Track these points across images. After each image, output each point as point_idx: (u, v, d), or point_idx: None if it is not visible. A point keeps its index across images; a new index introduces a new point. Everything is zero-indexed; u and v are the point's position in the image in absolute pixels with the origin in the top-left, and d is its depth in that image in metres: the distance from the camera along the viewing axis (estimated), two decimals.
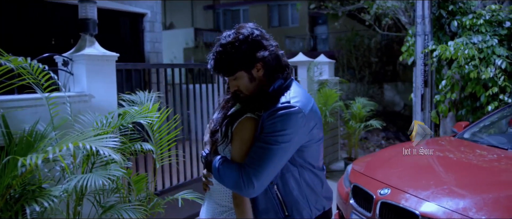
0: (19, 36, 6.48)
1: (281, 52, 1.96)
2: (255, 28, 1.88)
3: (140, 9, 7.94)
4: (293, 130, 1.77)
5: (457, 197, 3.13)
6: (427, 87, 6.64)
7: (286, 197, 1.89)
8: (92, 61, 3.32)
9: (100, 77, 3.40)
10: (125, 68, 3.76)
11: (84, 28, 3.37)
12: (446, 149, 4.32)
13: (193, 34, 23.43)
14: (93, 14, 3.38)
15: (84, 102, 3.24)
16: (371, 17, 9.43)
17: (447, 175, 3.57)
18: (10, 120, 2.57)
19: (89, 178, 2.30)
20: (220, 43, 1.86)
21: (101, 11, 7.11)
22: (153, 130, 3.28)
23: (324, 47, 22.76)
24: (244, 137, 1.84)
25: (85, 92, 3.29)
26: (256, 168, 1.74)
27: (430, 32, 6.56)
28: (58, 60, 3.36)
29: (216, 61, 1.86)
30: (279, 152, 1.76)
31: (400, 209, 3.25)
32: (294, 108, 1.77)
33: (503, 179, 3.39)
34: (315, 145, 1.91)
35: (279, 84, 1.89)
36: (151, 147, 3.05)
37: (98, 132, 2.30)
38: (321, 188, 1.99)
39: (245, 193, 1.77)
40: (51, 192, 2.31)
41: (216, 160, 1.85)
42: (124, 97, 3.42)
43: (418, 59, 6.64)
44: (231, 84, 1.91)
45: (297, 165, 1.88)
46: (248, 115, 1.86)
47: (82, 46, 3.35)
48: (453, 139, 4.64)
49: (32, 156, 1.91)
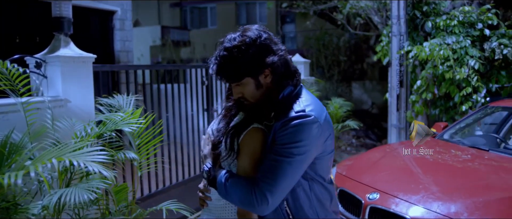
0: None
1: (290, 57, 1.82)
2: (262, 31, 1.74)
3: (109, 6, 7.61)
4: (309, 141, 1.64)
5: (448, 201, 3.11)
6: (403, 88, 6.70)
7: (297, 213, 1.75)
8: (67, 63, 3.08)
9: (77, 80, 3.16)
10: (101, 70, 3.54)
11: (58, 28, 3.13)
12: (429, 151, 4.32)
13: (160, 32, 23.01)
14: (68, 12, 3.15)
15: (59, 108, 3.00)
16: (343, 17, 9.44)
17: (435, 178, 3.55)
18: None
19: (71, 192, 2.09)
20: (225, 46, 1.70)
21: None
22: (134, 137, 3.09)
23: (292, 45, 22.80)
24: (253, 149, 1.69)
25: (60, 97, 3.04)
26: (270, 183, 1.60)
27: (406, 32, 6.61)
28: (30, 62, 3.10)
29: (220, 66, 1.70)
30: (295, 165, 1.63)
31: (391, 214, 3.20)
32: (309, 118, 1.64)
33: (492, 182, 3.40)
34: (327, 156, 1.78)
35: (289, 92, 1.75)
36: (134, 155, 2.86)
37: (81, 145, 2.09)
38: (330, 203, 1.86)
39: (259, 211, 1.63)
40: (29, 210, 2.10)
41: (222, 175, 1.70)
42: (101, 101, 3.22)
43: (394, 59, 6.69)
44: (235, 91, 1.76)
45: (308, 179, 1.75)
46: (255, 125, 1.72)
47: (56, 47, 3.11)
48: (434, 140, 4.65)
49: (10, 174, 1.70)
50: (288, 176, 1.63)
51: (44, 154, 1.88)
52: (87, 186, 2.19)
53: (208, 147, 1.88)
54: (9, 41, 6.25)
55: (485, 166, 3.80)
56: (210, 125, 1.97)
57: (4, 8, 6.32)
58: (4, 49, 3.04)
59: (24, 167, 1.78)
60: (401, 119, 6.75)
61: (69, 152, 1.85)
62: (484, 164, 3.82)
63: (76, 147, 1.95)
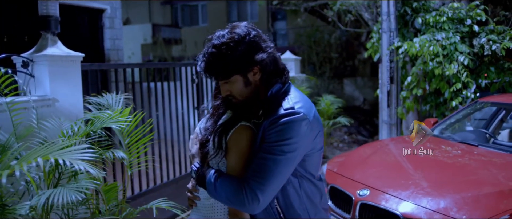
0: None
1: (278, 54, 1.81)
2: (251, 28, 1.73)
3: (98, 4, 7.54)
4: (299, 138, 1.63)
5: (438, 196, 3.12)
6: (393, 84, 6.72)
7: (287, 211, 1.75)
8: (55, 62, 3.05)
9: (64, 79, 3.13)
10: (90, 69, 3.51)
11: (46, 26, 3.09)
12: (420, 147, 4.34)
13: (151, 30, 22.90)
14: (55, 11, 3.11)
15: (47, 107, 2.97)
16: (333, 14, 9.45)
17: (425, 174, 3.57)
18: None
19: (59, 192, 2.07)
20: (213, 43, 1.68)
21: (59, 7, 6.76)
22: (124, 135, 3.07)
23: (284, 43, 22.81)
24: (241, 147, 1.68)
25: (48, 96, 3.01)
26: (261, 181, 1.59)
27: (396, 29, 6.63)
28: (17, 61, 3.06)
29: (208, 64, 1.68)
30: (285, 163, 1.62)
31: (381, 210, 3.21)
32: (299, 115, 1.63)
33: (480, 177, 3.42)
34: (317, 154, 1.78)
35: (277, 89, 1.74)
36: (123, 154, 2.84)
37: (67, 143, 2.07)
38: (320, 199, 1.86)
39: (249, 209, 1.63)
40: (16, 210, 2.07)
41: (211, 174, 1.69)
42: (90, 100, 3.20)
43: (384, 56, 6.71)
44: (223, 89, 1.75)
45: (298, 176, 1.75)
46: (243, 123, 1.71)
47: (43, 46, 3.07)
48: None
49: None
50: (278, 174, 1.62)
51: (30, 153, 1.86)
52: (75, 186, 2.17)
53: (196, 146, 1.87)
54: None
55: (474, 161, 3.83)
56: (198, 124, 1.95)
57: None
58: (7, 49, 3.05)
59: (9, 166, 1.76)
60: (392, 115, 6.77)
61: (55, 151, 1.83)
62: (474, 159, 3.84)
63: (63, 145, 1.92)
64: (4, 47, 5.83)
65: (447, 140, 4.36)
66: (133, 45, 21.51)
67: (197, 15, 25.86)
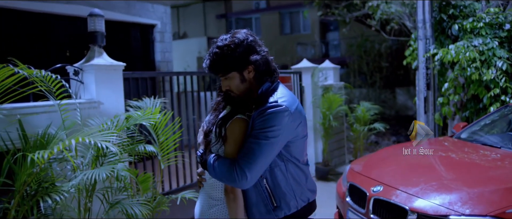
0: (26, 48, 6.86)
1: (271, 58, 2.15)
2: (249, 34, 2.08)
3: (150, 20, 8.25)
4: (281, 126, 1.95)
5: (444, 192, 3.29)
6: (430, 90, 6.78)
7: (275, 190, 2.06)
8: (100, 70, 3.59)
9: (108, 85, 3.66)
10: (132, 77, 4.02)
11: (93, 40, 3.64)
12: (440, 148, 4.46)
13: (206, 43, 23.74)
14: (101, 27, 3.65)
15: (93, 109, 3.50)
16: (377, 23, 9.57)
17: (437, 172, 3.73)
18: (26, 125, 2.85)
19: (94, 173, 2.54)
20: (217, 45, 2.05)
21: (113, 23, 7.52)
22: (158, 133, 3.52)
23: (336, 53, 22.87)
24: (236, 136, 2.02)
25: (94, 99, 3.55)
26: (248, 161, 1.92)
27: (432, 36, 6.70)
28: (70, 70, 3.63)
29: (212, 61, 2.05)
30: (269, 146, 1.94)
31: (391, 204, 3.41)
32: (281, 107, 1.96)
33: (490, 175, 3.54)
34: (300, 141, 2.09)
35: (267, 87, 2.08)
36: (153, 149, 3.29)
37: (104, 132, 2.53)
38: (305, 181, 2.16)
39: (239, 185, 1.95)
40: (62, 188, 2.56)
41: (211, 157, 2.04)
42: (131, 103, 3.68)
43: (420, 63, 6.79)
44: (223, 84, 2.11)
45: (284, 160, 2.06)
46: (238, 116, 2.05)
47: (91, 57, 3.62)
48: (450, 139, 4.78)
49: (40, 152, 2.16)
50: (263, 155, 1.94)
51: (68, 138, 2.34)
52: (107, 168, 2.62)
53: (201, 136, 2.25)
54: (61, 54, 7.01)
55: (491, 160, 3.91)
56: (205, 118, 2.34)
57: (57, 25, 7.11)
58: (56, 61, 3.61)
59: (52, 148, 2.23)
60: (429, 121, 6.81)
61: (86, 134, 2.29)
62: (491, 159, 3.92)
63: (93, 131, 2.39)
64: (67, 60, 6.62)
65: (470, 142, 4.44)
66: (189, 58, 22.51)
67: (251, 27, 26.52)
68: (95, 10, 3.62)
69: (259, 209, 2.08)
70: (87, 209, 3.06)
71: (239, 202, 2.06)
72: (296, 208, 2.10)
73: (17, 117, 2.83)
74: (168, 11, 8.66)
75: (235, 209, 2.04)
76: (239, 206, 2.05)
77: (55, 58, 4.71)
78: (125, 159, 3.17)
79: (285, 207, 2.07)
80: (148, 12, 8.15)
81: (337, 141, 7.60)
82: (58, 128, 2.80)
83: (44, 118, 3.05)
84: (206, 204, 2.18)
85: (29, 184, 2.56)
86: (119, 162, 2.97)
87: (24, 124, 2.79)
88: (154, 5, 8.30)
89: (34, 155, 2.17)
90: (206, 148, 2.18)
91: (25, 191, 2.59)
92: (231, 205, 2.05)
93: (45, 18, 6.89)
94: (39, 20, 6.83)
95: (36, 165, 2.43)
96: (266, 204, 2.07)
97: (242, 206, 2.07)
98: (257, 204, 2.08)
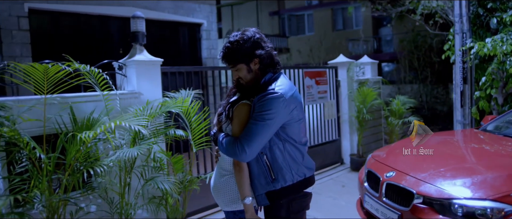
0: (87, 46, 7.66)
1: (275, 53, 2.51)
2: (256, 32, 2.45)
3: (197, 19, 8.82)
4: (276, 110, 2.30)
5: (450, 178, 3.50)
6: (466, 84, 6.79)
7: (273, 164, 2.43)
8: (140, 65, 4.12)
9: (147, 78, 4.18)
10: (170, 71, 4.53)
11: (135, 39, 4.18)
12: (461, 139, 4.60)
13: None
14: (142, 27, 4.17)
15: (134, 98, 4.04)
16: (420, 18, 9.55)
17: (448, 160, 3.91)
18: (76, 111, 3.42)
19: (128, 151, 3.05)
20: (229, 40, 2.44)
21: (163, 23, 8.16)
22: (190, 121, 3.99)
23: (389, 48, 22.53)
24: (241, 117, 2.41)
25: (135, 90, 4.09)
26: (248, 139, 2.29)
27: (469, 30, 6.70)
28: (115, 65, 4.20)
29: (224, 54, 2.44)
30: (265, 127, 2.30)
31: (401, 188, 3.66)
32: (277, 94, 2.31)
33: (499, 162, 3.68)
34: (295, 123, 2.43)
35: (269, 77, 2.44)
36: (182, 133, 3.76)
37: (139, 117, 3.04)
38: (302, 159, 2.50)
39: (240, 158, 2.33)
40: (103, 162, 3.10)
41: (221, 135, 2.45)
42: (168, 94, 4.18)
43: (457, 56, 6.81)
44: (234, 74, 2.50)
45: (282, 139, 2.42)
46: (243, 101, 2.44)
47: (133, 54, 4.16)
48: (474, 131, 4.89)
49: (86, 132, 2.69)
50: (260, 134, 2.31)
51: (110, 122, 2.86)
52: (139, 147, 3.13)
53: (216, 118, 2.68)
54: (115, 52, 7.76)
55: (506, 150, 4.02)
56: None
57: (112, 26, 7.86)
58: (110, 58, 4.20)
59: (95, 129, 2.76)
60: (466, 115, 6.83)
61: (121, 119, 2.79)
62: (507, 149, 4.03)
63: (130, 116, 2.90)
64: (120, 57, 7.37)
65: (493, 134, 4.55)
66: None
67: (304, 24, 26.69)
68: (137, 13, 4.16)
69: (260, 181, 2.44)
70: (127, 184, 3.58)
71: (244, 173, 2.44)
72: (292, 181, 2.43)
73: (69, 104, 3.40)
74: (214, 11, 9.21)
75: (241, 178, 2.44)
76: (244, 177, 2.44)
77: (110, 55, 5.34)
78: (158, 141, 3.66)
79: (281, 180, 2.42)
80: (195, 12, 8.73)
81: (374, 134, 7.77)
82: (100, 113, 3.34)
83: (91, 106, 3.61)
84: (218, 174, 2.59)
85: (78, 159, 3.12)
86: (153, 144, 3.46)
87: (74, 110, 3.36)
88: (201, 5, 8.88)
89: (82, 134, 2.69)
90: (218, 128, 2.60)
91: (74, 165, 3.14)
92: (237, 175, 2.45)
93: (102, 20, 7.66)
94: (97, 22, 7.60)
95: (82, 143, 2.96)
96: (265, 177, 2.43)
97: (247, 177, 2.45)
98: (258, 176, 2.44)
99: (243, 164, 2.44)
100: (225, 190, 2.51)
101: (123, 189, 3.57)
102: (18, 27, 6.37)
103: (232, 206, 2.50)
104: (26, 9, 6.55)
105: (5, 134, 2.84)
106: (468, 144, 4.35)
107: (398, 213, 3.59)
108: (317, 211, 5.16)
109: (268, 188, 2.44)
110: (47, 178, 3.03)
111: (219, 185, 2.54)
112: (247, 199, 2.41)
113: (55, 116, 3.32)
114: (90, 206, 3.61)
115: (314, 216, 5.01)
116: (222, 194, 2.52)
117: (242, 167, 2.43)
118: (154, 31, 7.87)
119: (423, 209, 3.42)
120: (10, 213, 2.94)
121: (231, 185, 2.52)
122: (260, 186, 2.45)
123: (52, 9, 6.98)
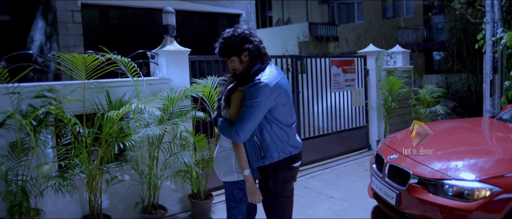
0: (130, 37, 8.34)
1: (262, 46, 2.89)
2: (246, 29, 2.84)
3: (236, 10, 9.29)
4: (262, 97, 2.69)
5: (444, 160, 3.77)
6: (497, 74, 6.80)
7: (262, 144, 2.83)
8: (170, 54, 4.66)
9: (176, 66, 4.72)
10: (198, 60, 5.05)
11: (166, 31, 4.71)
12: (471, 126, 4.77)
13: (308, 28, 24.19)
14: (172, 21, 4.70)
15: (164, 84, 4.59)
16: (461, 6, 9.46)
17: (449, 144, 4.15)
18: (111, 94, 4.03)
19: (151, 129, 3.61)
20: (223, 36, 2.83)
21: (204, 14, 8.70)
22: (212, 105, 4.48)
23: (441, 36, 21.94)
24: (236, 103, 2.82)
25: (165, 77, 4.64)
26: (240, 124, 2.71)
27: (500, 19, 6.70)
28: (148, 55, 4.77)
29: (219, 48, 2.85)
30: (254, 113, 2.70)
31: (400, 169, 3.96)
32: (262, 83, 2.70)
33: (495, 148, 3.88)
34: (280, 107, 2.81)
35: (257, 68, 2.83)
36: (201, 114, 4.28)
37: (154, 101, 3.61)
38: (288, 139, 2.88)
39: (236, 140, 2.77)
40: (132, 137, 3.67)
41: (219, 120, 2.89)
42: (196, 81, 4.68)
43: (487, 46, 6.84)
44: (229, 65, 2.91)
45: (270, 122, 2.82)
46: (239, 88, 2.86)
47: (164, 44, 4.71)
48: (488, 119, 5.03)
49: (114, 111, 3.25)
50: (250, 119, 2.71)
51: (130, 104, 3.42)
52: (162, 127, 3.67)
53: (217, 103, 3.13)
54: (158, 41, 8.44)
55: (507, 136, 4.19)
56: None
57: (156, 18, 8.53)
58: (150, 48, 4.79)
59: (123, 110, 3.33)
60: (495, 104, 6.85)
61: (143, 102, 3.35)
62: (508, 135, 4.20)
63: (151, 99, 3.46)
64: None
65: (505, 122, 4.69)
66: (291, 43, 23.36)
67: (353, 12, 26.45)
68: (168, 8, 4.69)
69: (252, 158, 2.85)
70: (155, 157, 4.15)
71: (241, 150, 2.88)
72: (278, 158, 2.83)
73: (105, 88, 4.01)
74: (252, 2, 9.64)
75: (239, 154, 2.88)
76: (242, 153, 2.87)
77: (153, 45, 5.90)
78: (183, 121, 4.18)
79: (269, 157, 2.82)
80: (234, 3, 9.20)
81: (403, 122, 7.93)
82: (130, 96, 3.92)
83: (123, 90, 4.19)
84: (218, 151, 3.05)
85: (111, 134, 3.70)
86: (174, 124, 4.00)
87: (110, 93, 3.96)
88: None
89: (110, 113, 3.27)
90: (217, 112, 3.04)
91: (109, 140, 3.74)
92: (236, 152, 2.89)
93: (147, 12, 8.33)
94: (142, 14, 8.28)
95: (112, 120, 3.54)
96: (256, 154, 2.84)
97: (244, 153, 2.88)
98: (250, 154, 2.86)
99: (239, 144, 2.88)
100: (223, 164, 2.94)
101: (151, 162, 4.14)
102: (72, 20, 7.18)
103: (228, 177, 2.93)
104: (79, 4, 7.35)
105: (52, 111, 3.46)
106: (472, 131, 4.53)
107: (397, 192, 3.89)
108: (335, 191, 5.52)
109: (258, 164, 2.83)
110: (87, 149, 3.65)
111: (218, 159, 2.99)
112: (246, 171, 2.84)
113: (93, 97, 3.93)
114: (123, 175, 4.22)
115: (330, 195, 5.38)
116: (220, 166, 2.96)
117: (239, 145, 2.86)
118: (195, 21, 8.45)
119: (418, 188, 3.70)
120: (56, 176, 3.58)
121: (228, 159, 2.94)
122: (252, 162, 2.85)
123: (102, 3, 7.74)
